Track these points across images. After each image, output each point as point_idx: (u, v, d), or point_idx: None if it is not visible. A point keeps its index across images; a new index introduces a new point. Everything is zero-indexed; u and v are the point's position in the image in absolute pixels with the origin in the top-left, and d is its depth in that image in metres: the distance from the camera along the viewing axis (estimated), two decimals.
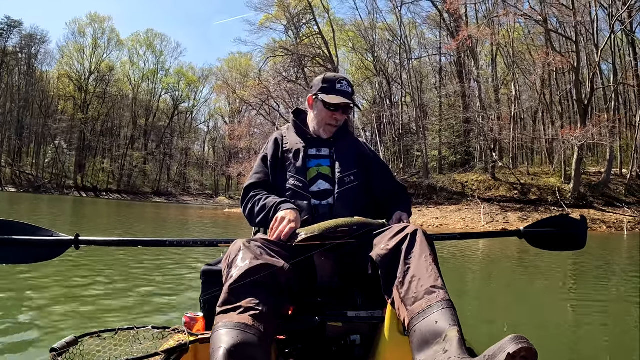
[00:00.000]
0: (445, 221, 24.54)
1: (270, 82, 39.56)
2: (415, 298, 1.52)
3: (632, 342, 3.81)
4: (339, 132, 2.43)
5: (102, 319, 3.80)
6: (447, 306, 1.45)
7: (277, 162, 2.33)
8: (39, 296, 4.58)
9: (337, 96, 2.31)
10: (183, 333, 1.76)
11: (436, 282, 1.54)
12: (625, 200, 25.93)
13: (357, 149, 2.45)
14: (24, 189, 57.82)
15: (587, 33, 29.17)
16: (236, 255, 1.65)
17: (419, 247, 1.67)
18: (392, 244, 1.72)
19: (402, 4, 37.68)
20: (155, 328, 1.79)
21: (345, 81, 2.37)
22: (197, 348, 1.72)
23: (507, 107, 34.14)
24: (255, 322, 1.40)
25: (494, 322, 4.32)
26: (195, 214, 30.52)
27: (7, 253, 2.24)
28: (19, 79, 64.50)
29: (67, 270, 6.05)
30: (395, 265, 1.67)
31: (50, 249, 2.31)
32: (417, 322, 1.45)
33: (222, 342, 1.32)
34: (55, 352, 1.52)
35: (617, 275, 7.62)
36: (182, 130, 75.70)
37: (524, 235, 2.74)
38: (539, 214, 24.02)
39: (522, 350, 1.14)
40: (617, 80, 29.81)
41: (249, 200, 2.28)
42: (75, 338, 1.62)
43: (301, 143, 2.36)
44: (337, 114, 2.34)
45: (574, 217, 2.81)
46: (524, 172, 31.39)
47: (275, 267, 1.60)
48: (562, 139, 26.36)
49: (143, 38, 70.43)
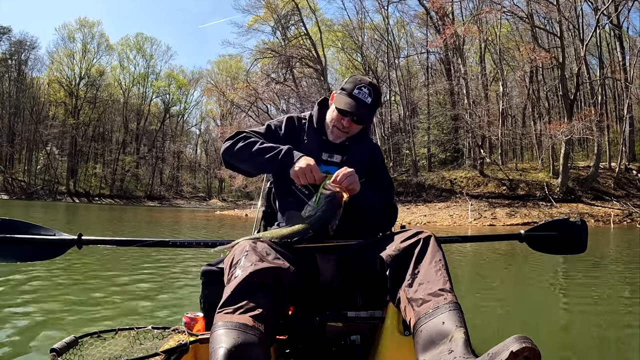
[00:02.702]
0: (433, 218, 24.54)
1: (259, 84, 39.52)
2: (423, 299, 1.53)
3: (626, 337, 3.84)
4: (356, 136, 2.29)
5: (102, 319, 3.78)
6: (454, 308, 1.47)
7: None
8: (39, 296, 4.56)
9: (349, 101, 2.13)
10: (183, 333, 1.77)
11: (444, 285, 1.56)
12: (613, 193, 26.12)
13: (370, 156, 2.33)
14: (16, 195, 57.34)
15: (573, 28, 29.26)
16: (241, 256, 1.63)
17: (431, 252, 1.69)
18: (404, 246, 1.74)
19: (388, 3, 37.77)
20: (155, 328, 1.79)
21: (367, 88, 2.15)
22: (197, 348, 1.72)
23: (496, 103, 34.18)
24: (255, 323, 1.39)
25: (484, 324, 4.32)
26: (188, 216, 30.38)
27: (10, 251, 2.25)
28: (9, 86, 64.01)
29: (67, 271, 6.03)
30: (405, 267, 1.68)
31: (53, 248, 2.33)
32: (424, 322, 1.47)
33: (222, 342, 1.31)
34: (55, 352, 1.52)
35: (607, 269, 7.65)
36: (173, 134, 75.40)
37: (524, 239, 2.73)
38: (527, 209, 24.17)
39: (525, 349, 1.15)
40: (604, 74, 29.95)
41: (243, 138, 2.13)
42: (75, 338, 1.62)
43: (317, 145, 2.24)
44: (345, 119, 2.16)
45: (574, 220, 2.80)
46: (513, 168, 31.53)
47: (281, 269, 1.59)
48: (550, 134, 26.48)
49: (133, 42, 70.19)
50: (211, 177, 73.27)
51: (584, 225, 2.77)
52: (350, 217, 2.08)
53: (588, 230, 2.79)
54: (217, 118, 69.20)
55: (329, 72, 42.99)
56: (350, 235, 2.06)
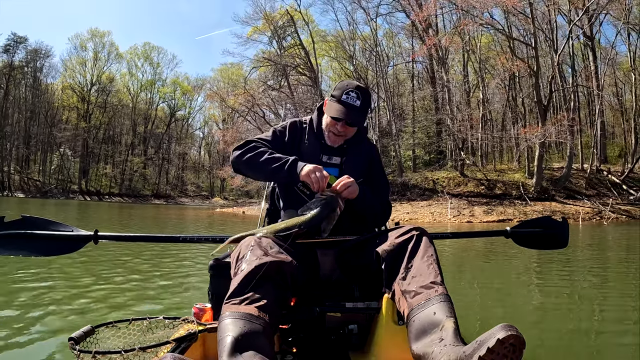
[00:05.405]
0: (415, 215, 24.49)
1: (256, 91, 39.50)
2: (416, 292, 1.55)
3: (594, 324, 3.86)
4: (354, 138, 2.27)
5: (116, 310, 3.78)
6: (444, 300, 1.49)
7: (291, 153, 2.13)
8: (57, 288, 4.57)
9: (340, 107, 2.11)
10: (192, 323, 1.77)
11: (436, 278, 1.58)
12: (585, 193, 26.24)
13: (368, 158, 2.33)
14: (31, 194, 56.97)
15: (548, 40, 29.38)
16: (247, 250, 1.63)
17: (423, 248, 1.71)
18: (398, 242, 1.75)
19: (377, 16, 37.92)
20: (167, 318, 1.80)
21: (354, 92, 2.12)
22: (206, 337, 1.73)
23: (477, 109, 34.30)
24: (260, 313, 1.40)
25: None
26: (192, 214, 30.35)
27: (32, 246, 2.26)
28: (25, 92, 63.53)
29: (84, 264, 6.05)
30: (399, 261, 1.69)
31: (71, 243, 2.34)
32: (417, 313, 1.48)
33: (229, 331, 1.32)
34: (73, 340, 1.53)
35: (575, 263, 7.69)
36: (178, 136, 75.08)
37: (510, 235, 2.75)
38: (503, 207, 24.23)
39: (510, 337, 1.15)
40: (576, 82, 30.07)
41: (251, 148, 2.13)
42: (92, 328, 1.63)
43: (317, 147, 2.23)
44: (338, 124, 2.14)
45: (556, 218, 2.84)
46: (491, 169, 31.66)
47: (284, 262, 1.59)
48: (525, 137, 26.60)
49: (141, 51, 69.66)
50: (214, 177, 72.93)
51: (566, 223, 2.80)
52: (350, 216, 2.10)
53: (569, 228, 2.81)
54: (219, 122, 69.03)
55: (323, 80, 43.14)
56: (348, 232, 2.07)
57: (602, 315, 4.08)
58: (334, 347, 1.95)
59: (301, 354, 1.89)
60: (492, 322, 1.13)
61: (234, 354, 1.25)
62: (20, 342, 2.88)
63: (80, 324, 2.97)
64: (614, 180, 27.75)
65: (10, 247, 2.23)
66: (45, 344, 2.86)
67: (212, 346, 1.69)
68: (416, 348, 1.40)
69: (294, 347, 1.91)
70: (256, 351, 1.27)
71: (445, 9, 32.30)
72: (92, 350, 1.49)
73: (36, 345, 2.83)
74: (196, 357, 1.69)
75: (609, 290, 5.43)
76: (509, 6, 25.53)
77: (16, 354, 2.71)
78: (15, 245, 2.23)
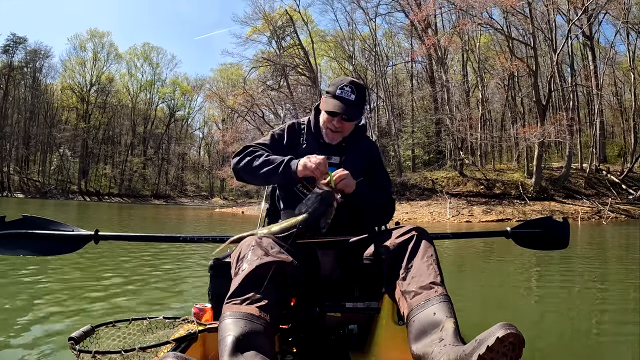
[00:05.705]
0: (414, 215, 24.43)
1: (255, 91, 39.46)
2: (416, 292, 1.55)
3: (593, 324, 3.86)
4: (352, 136, 2.27)
5: (116, 310, 3.78)
6: (444, 300, 1.49)
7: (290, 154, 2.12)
8: (58, 288, 4.57)
9: (335, 102, 2.12)
10: (192, 323, 1.77)
11: (435, 279, 1.57)
12: (584, 192, 26.21)
13: (367, 155, 2.31)
14: (31, 195, 56.91)
15: (547, 39, 29.37)
16: (248, 250, 1.63)
17: (423, 248, 1.70)
18: (399, 242, 1.74)
19: (376, 16, 37.95)
20: (166, 318, 1.80)
21: (349, 87, 2.12)
22: (206, 337, 1.73)
23: (476, 109, 34.27)
24: (261, 313, 1.40)
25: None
26: (191, 214, 30.33)
27: (33, 245, 2.26)
28: (25, 92, 63.45)
29: (84, 264, 6.05)
30: (399, 261, 1.68)
31: (72, 243, 2.33)
32: (417, 313, 1.48)
33: (230, 331, 1.32)
34: (73, 340, 1.53)
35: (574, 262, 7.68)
36: (178, 137, 75.02)
37: (510, 236, 2.73)
38: (502, 207, 24.20)
39: (510, 335, 1.16)
40: (574, 81, 30.05)
41: (248, 153, 2.15)
42: (92, 327, 1.63)
43: (315, 147, 2.21)
44: (334, 120, 2.15)
45: (557, 219, 2.82)
46: (491, 169, 31.62)
47: (285, 263, 1.58)
48: (524, 137, 26.57)
49: (140, 51, 69.52)
50: (213, 177, 72.87)
51: (566, 224, 2.78)
52: (349, 214, 2.09)
53: (570, 228, 2.79)
54: (219, 122, 68.99)
55: (322, 80, 43.01)
56: (348, 231, 2.06)
57: (602, 315, 4.09)
58: (334, 347, 1.95)
59: (301, 353, 1.89)
60: (491, 322, 1.14)
61: (235, 354, 1.25)
62: (21, 342, 2.88)
63: (80, 323, 2.96)
64: (613, 179, 27.76)
65: (11, 246, 2.23)
66: (45, 344, 2.85)
67: (212, 346, 1.69)
68: (416, 348, 1.40)
69: (294, 347, 1.91)
70: (257, 351, 1.28)
71: (444, 9, 32.37)
72: (92, 350, 1.49)
73: (36, 345, 2.82)
74: (196, 357, 1.68)
75: (608, 289, 5.43)
76: (508, 6, 25.51)
77: (16, 353, 2.70)
78: (16, 244, 2.23)
